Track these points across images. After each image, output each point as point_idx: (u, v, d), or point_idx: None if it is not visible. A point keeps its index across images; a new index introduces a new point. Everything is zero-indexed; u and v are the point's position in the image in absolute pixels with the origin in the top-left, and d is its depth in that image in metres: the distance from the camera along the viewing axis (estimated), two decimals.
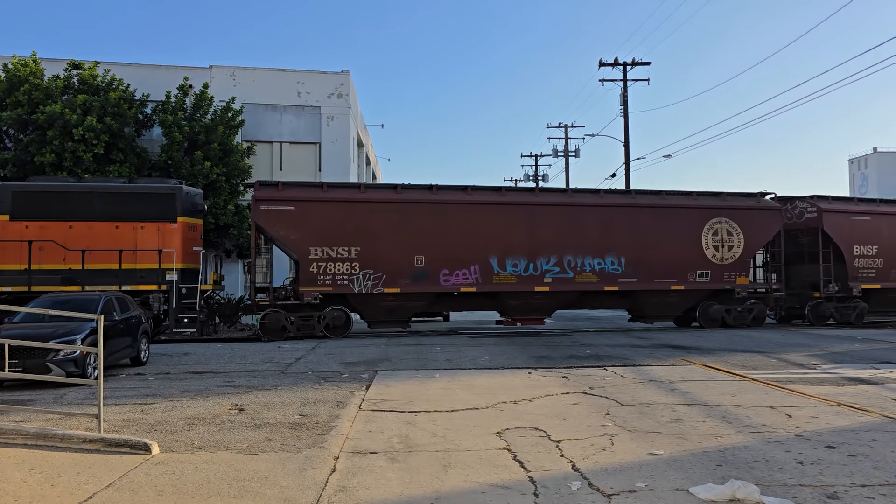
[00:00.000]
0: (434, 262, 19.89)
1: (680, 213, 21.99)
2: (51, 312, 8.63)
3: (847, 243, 23.77)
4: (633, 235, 21.33)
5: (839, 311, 23.84)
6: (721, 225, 22.11)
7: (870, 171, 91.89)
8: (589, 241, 20.99)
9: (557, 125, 49.49)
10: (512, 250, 20.45)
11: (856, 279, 23.81)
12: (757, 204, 22.92)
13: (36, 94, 22.61)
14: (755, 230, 22.47)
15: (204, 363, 14.16)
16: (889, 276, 24.41)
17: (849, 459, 6.48)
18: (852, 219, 24.07)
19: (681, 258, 21.65)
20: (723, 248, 22.01)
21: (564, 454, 6.75)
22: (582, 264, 20.92)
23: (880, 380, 11.38)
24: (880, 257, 24.19)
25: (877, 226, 24.41)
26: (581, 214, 21.17)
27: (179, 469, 6.27)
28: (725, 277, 22.02)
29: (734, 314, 22.29)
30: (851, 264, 23.73)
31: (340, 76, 29.32)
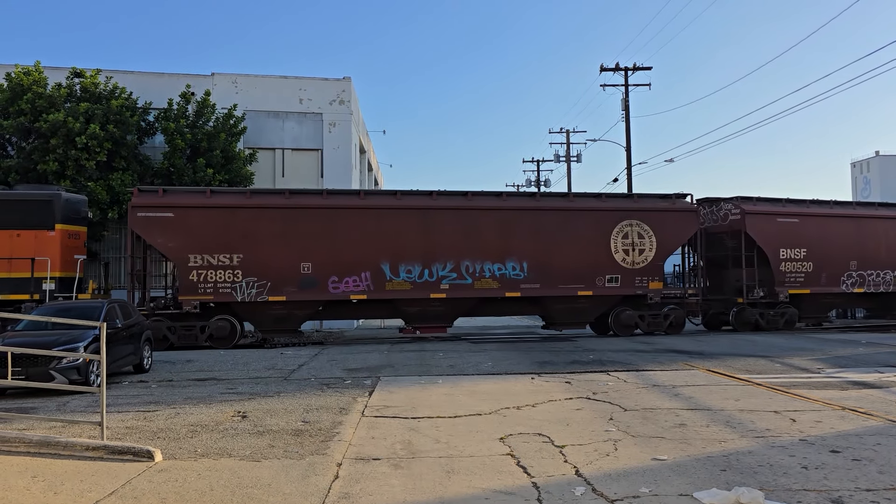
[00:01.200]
0: (322, 268, 19.27)
1: (587, 215, 21.12)
2: (53, 320, 8.65)
3: (772, 246, 22.81)
4: (536, 239, 20.57)
5: (765, 317, 23.04)
6: (632, 228, 21.22)
7: (872, 175, 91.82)
8: (489, 246, 20.24)
9: (559, 130, 49.61)
10: (405, 256, 19.77)
11: (782, 284, 22.85)
12: (671, 206, 21.96)
13: (39, 102, 22.68)
14: (669, 233, 21.57)
15: (207, 370, 14.16)
16: (820, 280, 23.36)
17: (853, 464, 6.46)
18: (778, 220, 23.02)
19: (588, 263, 20.83)
20: (633, 251, 21.16)
21: (568, 460, 6.73)
22: (481, 270, 20.18)
23: (885, 384, 11.35)
24: (809, 261, 23.14)
25: (806, 227, 23.31)
26: (480, 218, 20.40)
27: (182, 476, 6.27)
28: (637, 282, 21.15)
29: (648, 320, 21.54)
30: (777, 268, 22.78)
31: (342, 83, 29.38)
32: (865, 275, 24.02)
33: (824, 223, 23.72)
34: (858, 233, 24.15)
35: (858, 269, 23.88)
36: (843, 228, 23.96)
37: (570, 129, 49.28)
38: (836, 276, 23.57)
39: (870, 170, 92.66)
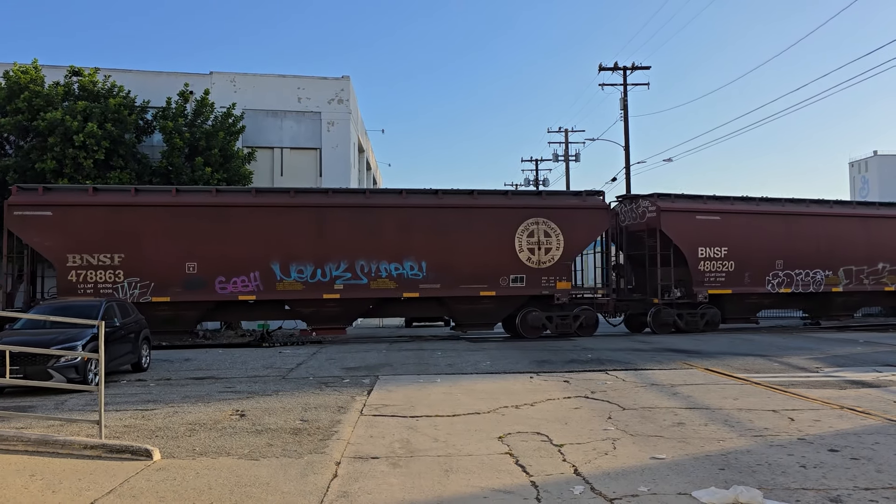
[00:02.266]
0: (209, 269, 18.78)
1: (491, 213, 20.44)
2: (52, 319, 8.62)
3: (690, 245, 21.99)
4: (436, 238, 19.98)
5: (684, 317, 22.25)
6: (538, 226, 20.56)
7: (870, 175, 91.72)
8: (386, 246, 19.72)
9: (558, 129, 49.53)
10: (297, 255, 19.28)
11: (701, 284, 22.04)
12: (582, 203, 21.24)
13: (36, 101, 22.66)
14: (578, 231, 20.89)
15: (205, 369, 14.15)
16: (742, 280, 22.51)
17: (852, 463, 6.46)
18: (698, 218, 22.18)
19: (491, 262, 20.21)
20: (539, 250, 20.49)
21: (566, 458, 6.73)
22: (377, 270, 19.65)
23: (883, 383, 11.36)
24: (731, 260, 22.33)
25: (728, 225, 22.44)
26: (378, 217, 19.89)
27: (181, 475, 6.26)
28: (543, 282, 20.50)
29: (557, 322, 20.84)
30: (695, 267, 21.98)
31: (341, 82, 29.37)
32: (793, 274, 23.20)
33: (749, 221, 22.87)
34: (786, 231, 23.30)
35: (785, 269, 23.09)
36: (770, 226, 23.13)
37: (568, 129, 49.28)
38: (761, 275, 22.79)
39: (868, 169, 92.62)
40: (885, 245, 24.37)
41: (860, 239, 24.07)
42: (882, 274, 24.26)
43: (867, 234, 24.21)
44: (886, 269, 24.28)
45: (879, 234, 24.36)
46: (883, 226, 24.63)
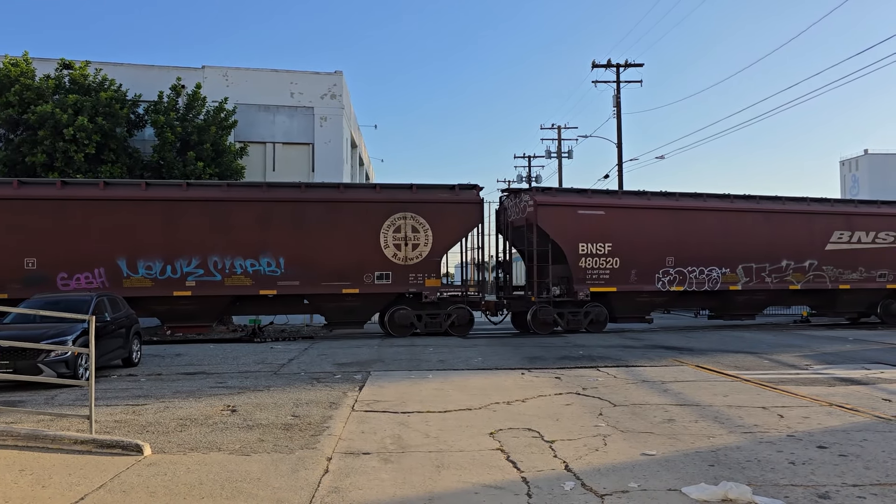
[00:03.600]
0: (50, 264, 17.92)
1: (356, 207, 19.72)
2: (42, 313, 8.58)
3: (569, 240, 20.95)
4: (297, 233, 19.28)
5: (565, 316, 21.20)
6: (406, 221, 19.83)
7: (861, 173, 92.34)
8: (241, 241, 18.96)
9: (550, 126, 49.56)
10: (145, 251, 18.50)
11: (583, 281, 21.00)
12: (453, 197, 20.44)
13: (27, 94, 22.50)
14: (448, 226, 20.15)
15: (196, 364, 14.11)
16: (629, 277, 21.44)
17: (840, 459, 6.51)
18: (579, 213, 21.08)
19: (356, 258, 19.53)
20: (406, 246, 19.78)
21: (557, 455, 6.76)
22: (232, 266, 18.89)
23: (871, 380, 11.45)
24: (616, 256, 21.24)
25: (614, 221, 21.36)
26: (235, 211, 19.09)
27: (171, 470, 6.25)
28: (411, 279, 19.80)
29: (426, 320, 20.15)
30: (576, 264, 20.96)
31: (333, 77, 29.28)
32: (686, 272, 22.11)
33: (636, 216, 21.80)
34: (678, 227, 22.18)
35: (677, 266, 21.98)
36: (660, 222, 22.01)
37: (561, 126, 49.31)
38: (650, 273, 21.72)
39: (858, 168, 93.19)
40: (790, 242, 23.29)
41: (762, 235, 22.93)
42: (786, 272, 23.17)
43: (770, 230, 23.05)
44: (791, 267, 23.22)
45: (784, 231, 23.23)
46: (788, 221, 23.43)
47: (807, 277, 23.43)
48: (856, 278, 24.02)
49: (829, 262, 23.70)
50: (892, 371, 12.56)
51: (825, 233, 23.72)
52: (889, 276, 24.44)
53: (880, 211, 24.97)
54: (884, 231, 24.55)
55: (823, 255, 23.62)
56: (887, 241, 24.60)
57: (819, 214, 23.88)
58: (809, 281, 23.48)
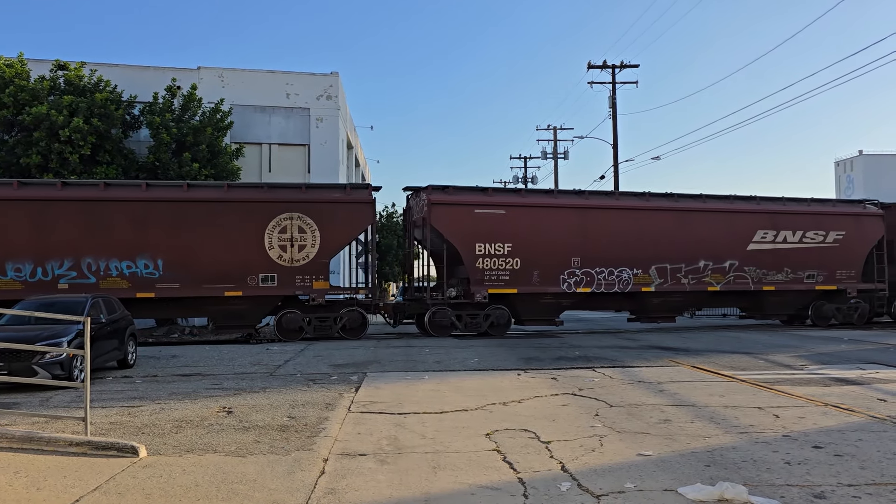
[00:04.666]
0: None
1: (242, 207, 19.07)
2: (37, 314, 8.55)
3: (465, 240, 20.13)
4: (178, 234, 18.58)
5: (463, 319, 20.43)
6: (292, 221, 19.20)
7: (856, 174, 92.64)
8: (117, 242, 18.25)
9: (546, 127, 49.65)
10: (14, 253, 17.85)
11: (481, 283, 20.16)
12: (344, 197, 19.87)
13: (22, 95, 22.44)
14: (337, 227, 19.49)
15: (192, 365, 14.08)
16: (531, 279, 20.57)
17: (835, 459, 6.52)
18: (476, 212, 20.26)
19: (239, 260, 18.85)
20: (292, 247, 19.14)
21: (554, 455, 6.76)
22: (107, 268, 18.18)
23: (866, 380, 11.48)
24: (516, 257, 20.39)
25: (515, 220, 20.53)
26: (111, 211, 18.38)
27: (167, 472, 6.23)
28: (298, 282, 19.14)
29: (315, 324, 19.50)
30: (473, 265, 20.13)
31: (329, 78, 29.26)
32: (594, 273, 21.20)
33: (539, 215, 20.94)
34: (585, 226, 21.29)
35: (584, 267, 21.09)
36: (565, 221, 21.15)
37: (557, 127, 49.42)
38: (554, 274, 20.83)
39: (853, 169, 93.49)
40: (709, 241, 22.28)
41: (677, 235, 21.99)
42: (704, 273, 22.22)
43: (686, 230, 22.11)
44: (710, 268, 22.26)
45: (701, 230, 22.24)
46: (706, 220, 22.45)
47: (727, 279, 22.52)
48: (781, 279, 23.13)
49: (751, 263, 22.77)
50: (887, 371, 12.60)
51: (748, 232, 22.80)
52: (818, 277, 23.54)
53: (810, 209, 23.93)
54: (812, 230, 23.55)
55: (745, 256, 22.72)
56: (816, 240, 23.62)
57: (741, 213, 22.97)
58: (730, 282, 22.57)
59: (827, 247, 23.65)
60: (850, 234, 23.93)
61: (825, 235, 23.63)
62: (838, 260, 23.77)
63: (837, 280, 23.81)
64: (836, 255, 23.69)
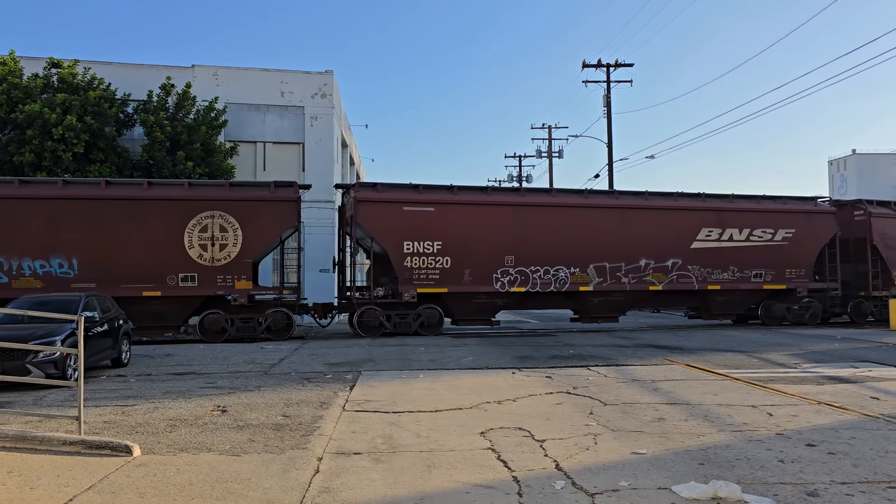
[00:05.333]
0: None
1: (162, 206, 18.70)
2: (30, 313, 8.52)
3: (393, 238, 19.78)
4: (94, 233, 18.16)
5: (393, 319, 20.02)
6: (213, 220, 18.79)
7: (849, 173, 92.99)
8: (30, 241, 17.90)
9: (541, 126, 49.63)
10: None
11: (409, 282, 19.73)
12: (269, 195, 19.40)
13: (15, 93, 22.34)
14: (261, 226, 19.11)
15: (186, 364, 14.06)
16: (461, 278, 20.12)
17: (829, 457, 6.55)
18: (405, 209, 19.85)
19: (159, 260, 18.46)
20: (213, 247, 18.73)
21: (548, 454, 6.77)
22: (20, 267, 17.83)
23: (859, 378, 11.53)
24: (446, 255, 19.93)
25: (446, 217, 20.10)
26: (24, 210, 18.04)
27: (161, 471, 6.22)
28: (219, 282, 18.73)
29: (238, 325, 19.09)
30: (401, 264, 19.76)
31: (324, 76, 29.21)
32: (529, 272, 20.71)
33: (471, 213, 20.44)
34: (519, 224, 20.79)
35: (518, 266, 20.62)
36: (499, 219, 20.67)
37: (552, 125, 49.43)
38: (487, 273, 20.41)
39: (847, 168, 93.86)
40: (650, 239, 21.75)
41: (617, 233, 21.50)
42: (646, 272, 21.68)
43: (627, 228, 21.61)
44: (651, 267, 21.72)
45: (642, 228, 21.75)
46: (647, 218, 21.92)
47: (669, 278, 22.01)
48: (727, 279, 22.58)
49: (695, 262, 22.23)
50: (880, 369, 12.66)
51: (692, 230, 22.27)
52: (766, 276, 22.99)
53: (758, 207, 23.35)
54: (760, 228, 22.98)
55: (689, 254, 22.18)
56: (764, 238, 23.03)
57: (685, 210, 22.43)
58: (673, 282, 22.06)
59: (775, 245, 23.10)
60: (801, 232, 23.40)
61: (774, 233, 23.09)
62: (787, 259, 23.22)
63: (787, 279, 23.26)
64: (785, 253, 23.15)
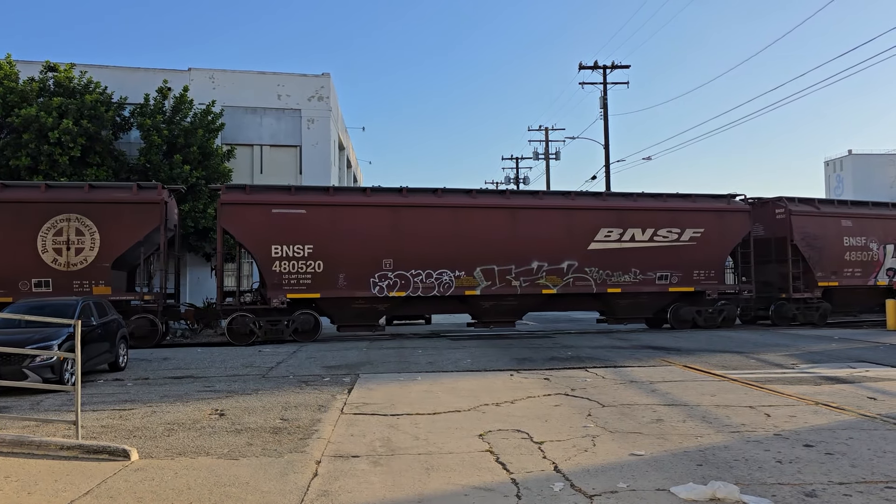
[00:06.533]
0: None
1: (11, 208, 18.03)
2: (27, 318, 8.50)
3: (260, 242, 19.10)
4: None
5: (262, 325, 19.23)
6: (69, 223, 18.05)
7: (845, 174, 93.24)
8: None
9: (538, 128, 49.70)
10: None
11: (279, 287, 19.07)
12: (129, 197, 18.72)
13: (10, 97, 22.32)
14: (121, 229, 18.34)
15: (183, 368, 14.03)
16: (336, 283, 19.35)
17: (826, 458, 6.56)
18: (274, 212, 19.11)
19: (9, 264, 17.78)
20: (69, 251, 18.02)
21: (547, 456, 6.77)
22: None
23: (856, 379, 11.54)
24: (318, 259, 19.17)
25: (318, 220, 19.35)
26: None
27: (159, 475, 6.21)
28: (75, 287, 18.10)
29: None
30: (269, 269, 19.10)
31: (321, 79, 29.23)
32: (409, 276, 19.87)
33: (347, 214, 19.68)
34: (398, 226, 19.98)
35: (397, 269, 19.78)
36: (376, 221, 19.86)
37: (549, 127, 49.48)
38: (363, 277, 19.59)
39: (843, 168, 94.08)
40: (543, 241, 20.78)
41: (506, 234, 20.55)
42: (538, 274, 20.72)
43: (517, 229, 20.67)
44: (545, 269, 20.75)
45: (534, 228, 20.78)
46: (539, 218, 20.97)
47: (565, 280, 20.97)
48: (629, 281, 21.49)
49: (593, 264, 21.19)
50: (877, 369, 12.68)
51: (589, 230, 21.25)
52: (672, 277, 21.85)
53: (664, 205, 22.21)
54: (665, 228, 21.85)
55: (586, 256, 21.15)
56: (669, 238, 21.88)
57: (582, 210, 21.42)
58: (569, 284, 21.00)
59: (682, 245, 21.93)
60: (710, 231, 22.20)
61: (680, 233, 21.95)
62: (695, 259, 22.05)
63: (695, 281, 22.08)
64: (692, 254, 21.99)
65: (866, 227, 24.82)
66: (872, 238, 24.79)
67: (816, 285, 23.72)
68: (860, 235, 24.63)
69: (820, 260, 23.80)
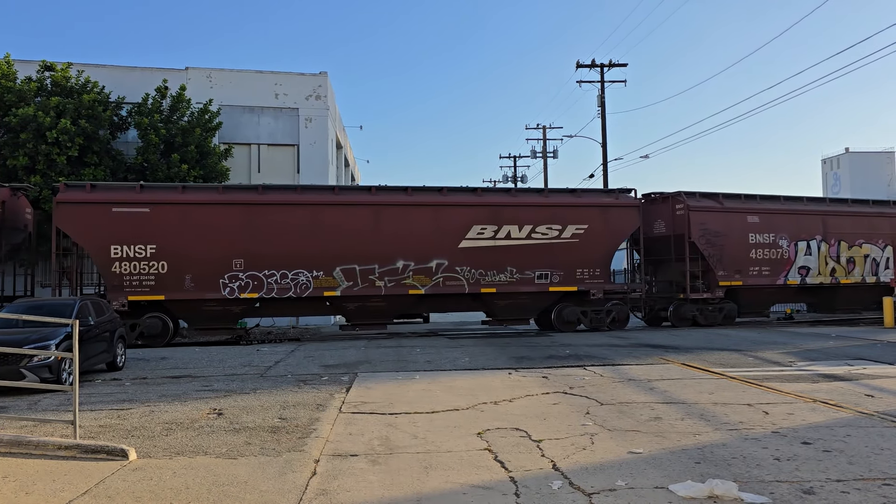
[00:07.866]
0: None
1: None
2: (24, 318, 8.49)
3: (99, 243, 18.22)
4: None
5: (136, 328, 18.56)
6: None
7: (842, 172, 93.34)
8: None
9: (536, 126, 49.71)
10: None
11: (119, 289, 18.16)
12: None
13: (8, 96, 22.26)
14: None
15: (181, 367, 14.02)
16: (182, 284, 18.58)
17: (824, 455, 6.57)
18: (114, 211, 18.26)
19: None
20: None
21: (545, 454, 6.77)
22: None
23: (854, 376, 11.56)
24: (162, 260, 18.37)
25: (160, 220, 18.55)
26: None
27: (157, 475, 6.20)
28: None
29: None
30: (108, 270, 18.20)
31: (318, 78, 29.19)
32: (262, 276, 19.11)
33: (194, 213, 18.83)
34: (250, 225, 19.18)
35: (248, 270, 19.03)
36: (225, 220, 19.03)
37: (546, 126, 49.49)
38: (212, 278, 18.80)
39: (840, 166, 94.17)
40: (408, 239, 20.01)
41: (368, 232, 19.81)
42: (404, 274, 19.95)
43: (380, 226, 19.94)
44: (411, 269, 19.99)
45: (398, 227, 20.07)
46: (405, 215, 20.18)
47: (435, 280, 20.14)
48: (505, 280, 20.60)
49: (464, 262, 20.32)
50: (874, 367, 12.71)
51: (461, 228, 20.39)
52: (553, 277, 20.94)
53: (544, 201, 21.31)
54: (545, 225, 20.92)
55: (457, 254, 20.29)
56: (549, 236, 20.97)
57: (452, 206, 20.56)
58: (439, 284, 20.15)
59: (563, 243, 20.99)
60: (595, 228, 21.26)
61: (561, 230, 20.99)
62: (578, 257, 21.09)
63: (578, 280, 21.10)
64: (575, 251, 21.03)
65: (776, 223, 23.50)
66: (783, 235, 23.52)
67: (718, 285, 22.73)
68: (768, 232, 23.32)
69: (721, 258, 22.65)
